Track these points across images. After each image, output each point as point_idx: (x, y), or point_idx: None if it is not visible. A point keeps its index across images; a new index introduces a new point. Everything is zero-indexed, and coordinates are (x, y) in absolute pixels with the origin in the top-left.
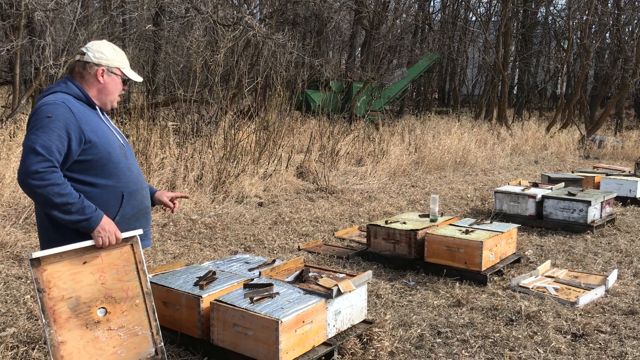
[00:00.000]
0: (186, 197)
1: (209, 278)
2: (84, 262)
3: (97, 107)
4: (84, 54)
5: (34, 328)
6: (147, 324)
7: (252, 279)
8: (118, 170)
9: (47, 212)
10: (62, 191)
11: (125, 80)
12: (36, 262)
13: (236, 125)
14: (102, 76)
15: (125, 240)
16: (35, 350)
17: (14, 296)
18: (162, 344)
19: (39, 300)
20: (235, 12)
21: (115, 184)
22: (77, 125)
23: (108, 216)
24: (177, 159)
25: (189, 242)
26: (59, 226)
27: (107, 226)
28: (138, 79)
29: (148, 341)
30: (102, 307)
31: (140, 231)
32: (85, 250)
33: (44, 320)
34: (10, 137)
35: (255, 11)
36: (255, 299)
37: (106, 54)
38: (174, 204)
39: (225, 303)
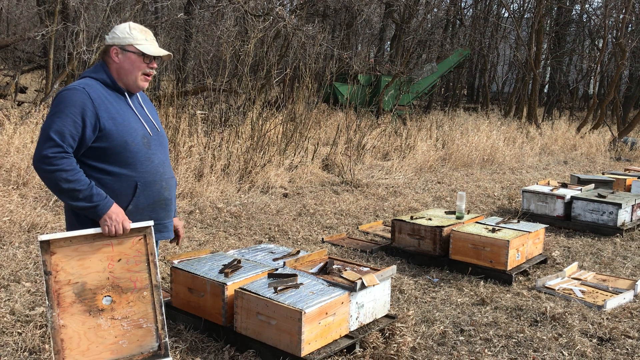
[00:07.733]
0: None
1: (234, 266)
2: (94, 249)
3: (126, 92)
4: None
5: None
6: (152, 318)
7: (277, 269)
8: (135, 160)
9: (57, 196)
10: (69, 177)
11: (148, 57)
12: (45, 245)
13: (264, 115)
14: (117, 56)
15: (139, 230)
16: None
17: (43, 276)
18: (167, 339)
19: (44, 282)
20: (266, 2)
21: (130, 173)
22: (94, 112)
23: (120, 205)
24: (205, 148)
25: (214, 230)
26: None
27: (114, 215)
28: (157, 52)
29: (152, 335)
30: (108, 295)
31: (151, 222)
32: (96, 237)
33: (47, 302)
34: (43, 120)
35: (285, 2)
36: (279, 288)
37: (118, 32)
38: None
39: (250, 291)
